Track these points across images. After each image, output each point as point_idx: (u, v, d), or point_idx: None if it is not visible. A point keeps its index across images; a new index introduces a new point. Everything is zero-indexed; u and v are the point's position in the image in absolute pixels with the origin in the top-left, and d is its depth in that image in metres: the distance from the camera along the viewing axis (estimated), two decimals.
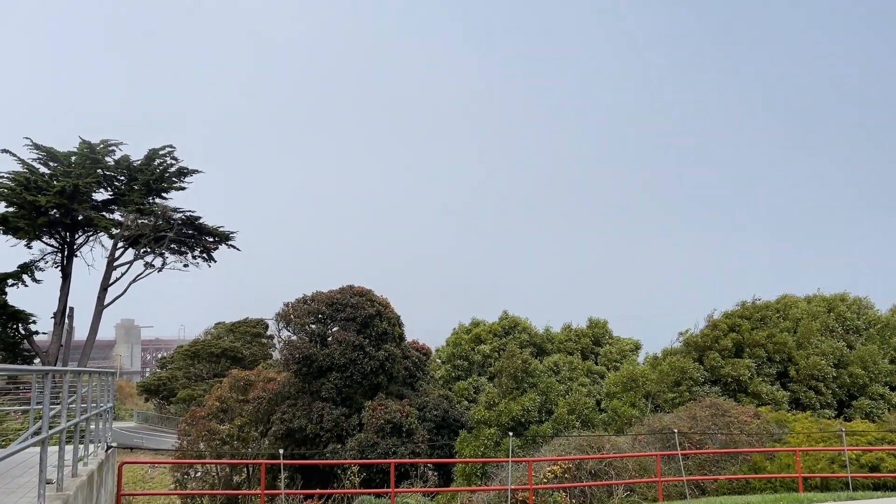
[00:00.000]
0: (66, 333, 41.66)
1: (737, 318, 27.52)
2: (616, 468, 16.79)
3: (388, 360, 31.28)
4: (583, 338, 36.80)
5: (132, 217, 42.75)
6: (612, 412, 24.38)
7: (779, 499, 12.97)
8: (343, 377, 30.30)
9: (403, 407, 29.68)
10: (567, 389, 26.39)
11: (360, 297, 32.42)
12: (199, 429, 28.39)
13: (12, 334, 38.37)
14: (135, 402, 78.83)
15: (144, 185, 42.56)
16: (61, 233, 41.13)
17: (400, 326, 33.63)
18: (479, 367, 36.82)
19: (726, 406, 20.28)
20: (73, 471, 8.37)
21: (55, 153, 40.72)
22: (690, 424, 18.92)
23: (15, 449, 5.80)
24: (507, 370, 25.44)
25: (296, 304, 32.12)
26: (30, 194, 37.84)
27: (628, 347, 36.34)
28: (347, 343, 30.48)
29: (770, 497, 13.50)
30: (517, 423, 24.05)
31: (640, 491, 16.52)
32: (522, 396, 23.82)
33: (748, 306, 28.63)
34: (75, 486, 7.72)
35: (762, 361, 26.29)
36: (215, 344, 65.51)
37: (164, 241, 43.72)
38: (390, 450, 28.13)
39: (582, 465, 16.64)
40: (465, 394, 34.71)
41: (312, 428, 29.08)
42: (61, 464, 7.45)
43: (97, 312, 42.41)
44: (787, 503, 12.48)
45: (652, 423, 19.34)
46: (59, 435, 7.48)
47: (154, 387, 67.89)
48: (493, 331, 37.63)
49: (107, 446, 8.42)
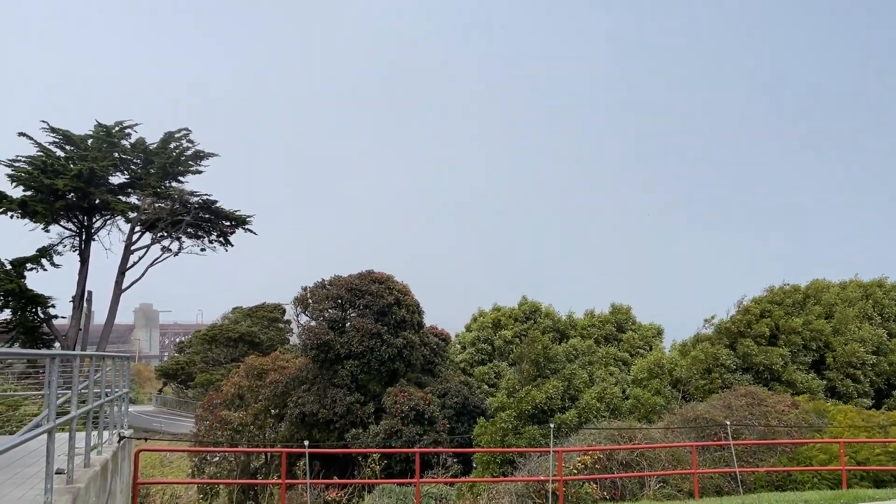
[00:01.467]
0: (84, 317, 41.60)
1: (767, 303, 26.60)
2: (648, 459, 16.13)
3: (406, 349, 30.78)
4: (606, 324, 36.07)
5: (149, 201, 42.49)
6: (635, 400, 23.68)
7: (838, 496, 12.23)
8: (360, 364, 29.86)
9: (426, 395, 29.21)
10: (591, 376, 25.68)
11: (380, 284, 31.86)
12: (215, 416, 28.09)
13: (32, 318, 38.31)
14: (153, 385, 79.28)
15: (161, 169, 42.22)
16: (79, 217, 40.95)
17: (419, 313, 33.08)
18: (500, 353, 36.26)
19: (762, 395, 19.52)
20: (85, 460, 7.86)
21: (71, 136, 40.45)
22: (725, 414, 18.19)
23: (17, 440, 5.27)
24: (528, 356, 24.79)
25: (314, 288, 31.65)
26: (47, 178, 37.60)
27: (651, 333, 35.57)
28: (365, 331, 29.99)
29: (829, 494, 12.77)
30: (539, 411, 23.44)
31: (674, 483, 15.87)
32: (545, 383, 23.17)
33: (777, 291, 27.67)
34: (87, 478, 7.20)
35: (797, 349, 25.42)
36: (233, 329, 65.51)
37: (180, 224, 43.45)
38: (414, 437, 27.68)
39: (613, 455, 16.00)
40: (485, 378, 34.18)
41: (325, 413, 28.71)
42: (72, 454, 6.93)
43: (115, 296, 42.30)
44: (847, 500, 11.75)
45: (685, 413, 18.64)
46: (70, 423, 6.96)
47: (172, 371, 68.12)
48: (514, 316, 37.02)
49: (119, 437, 7.90)
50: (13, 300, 37.25)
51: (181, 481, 22.24)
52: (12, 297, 37.06)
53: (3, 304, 37.58)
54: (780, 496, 13.13)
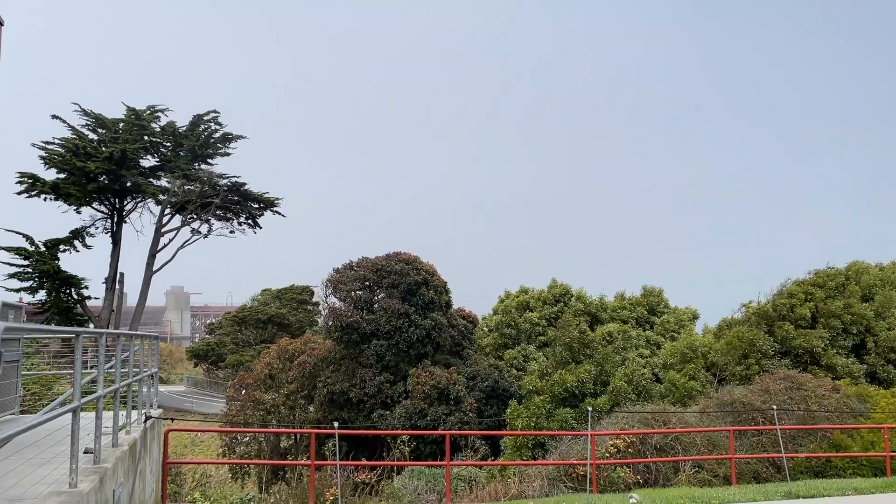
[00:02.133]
0: (117, 299, 42.22)
1: (809, 286, 25.79)
2: (683, 443, 15.75)
3: (434, 329, 30.66)
4: (637, 307, 35.49)
5: (178, 183, 42.78)
6: (669, 384, 23.21)
7: (889, 483, 11.73)
8: (388, 344, 29.84)
9: (450, 374, 29.07)
10: (623, 360, 25.24)
11: (407, 264, 31.74)
12: (246, 396, 28.32)
13: (66, 299, 38.96)
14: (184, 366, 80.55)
15: (190, 151, 42.44)
16: (110, 199, 41.40)
17: (447, 294, 32.90)
18: (527, 336, 35.91)
19: (801, 379, 18.94)
20: (113, 440, 7.77)
21: (103, 119, 40.78)
22: (763, 398, 17.68)
23: (40, 419, 5.13)
24: (561, 340, 24.44)
25: (343, 269, 31.67)
26: (79, 160, 38.01)
27: (686, 317, 34.88)
28: (393, 311, 29.94)
29: (878, 481, 12.28)
30: (571, 395, 23.14)
31: (709, 468, 15.47)
32: (577, 367, 22.83)
33: (822, 273, 26.82)
34: (114, 458, 7.10)
35: (837, 333, 24.65)
36: (262, 310, 66.10)
37: (210, 207, 43.72)
38: (439, 418, 27.60)
39: (646, 439, 15.65)
40: (514, 363, 33.90)
41: (356, 393, 28.78)
42: (98, 433, 6.81)
43: (146, 278, 42.81)
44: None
45: (722, 397, 18.16)
46: (97, 402, 6.84)
47: (203, 352, 69.06)
48: (543, 298, 36.60)
49: (145, 417, 7.78)
50: (48, 281, 37.91)
51: (211, 461, 22.43)
52: (47, 278, 37.72)
53: (39, 285, 38.27)
54: (828, 483, 12.68)
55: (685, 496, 11.38)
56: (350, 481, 14.43)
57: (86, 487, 5.88)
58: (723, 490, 12.20)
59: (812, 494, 11.53)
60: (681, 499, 11.14)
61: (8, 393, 9.98)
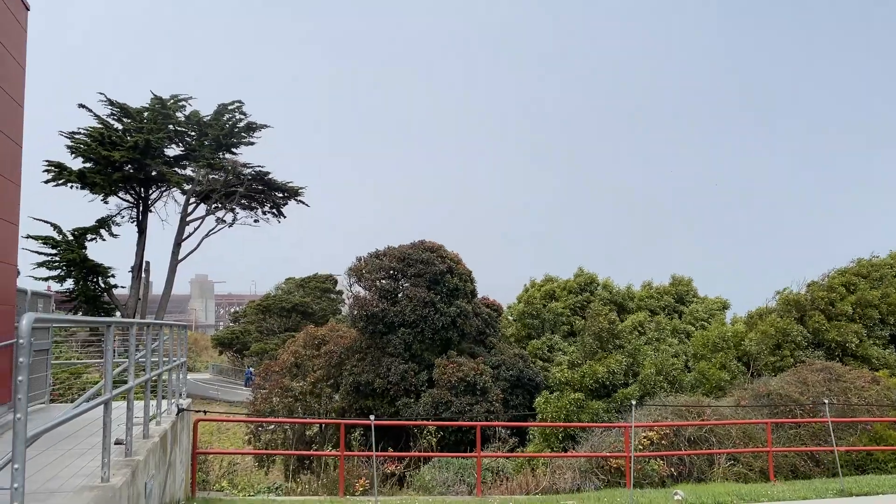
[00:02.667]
0: (143, 287, 42.60)
1: (851, 275, 25.08)
2: (718, 436, 15.37)
3: (459, 317, 30.46)
4: (665, 296, 34.91)
5: (203, 172, 42.96)
6: (699, 374, 22.76)
7: None
8: (413, 333, 29.72)
9: (477, 364, 28.86)
10: (654, 350, 24.80)
11: (431, 252, 31.54)
12: (272, 384, 28.36)
13: (93, 288, 39.37)
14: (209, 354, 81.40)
15: (214, 141, 42.56)
16: (136, 188, 41.69)
17: (471, 282, 32.65)
18: (551, 325, 35.54)
19: (840, 370, 18.42)
20: (144, 431, 7.65)
21: (128, 109, 40.99)
22: (801, 390, 17.22)
23: (74, 412, 4.98)
24: (590, 330, 24.08)
25: (367, 258, 31.55)
26: (105, 150, 38.26)
27: (715, 306, 34.24)
28: (418, 300, 29.78)
29: None
30: (601, 385, 22.82)
31: (745, 461, 15.08)
32: (608, 357, 22.47)
33: (864, 263, 26.06)
34: (146, 449, 6.97)
35: (874, 323, 23.98)
36: (286, 299, 66.42)
37: (234, 196, 43.89)
38: (465, 408, 27.44)
39: (680, 431, 15.29)
40: (538, 353, 33.58)
41: (381, 383, 28.72)
42: (130, 425, 6.67)
43: (172, 267, 43.14)
44: None
45: (757, 389, 17.72)
46: (128, 393, 6.70)
47: (227, 340, 69.63)
48: (568, 288, 36.16)
49: (177, 409, 7.64)
50: (75, 270, 38.31)
51: (239, 451, 22.48)
52: (74, 266, 38.12)
53: (66, 273, 38.71)
54: (879, 480, 12.24)
55: (731, 493, 11.04)
56: (379, 472, 14.28)
57: (118, 481, 5.74)
58: (769, 486, 11.83)
59: (865, 492, 11.11)
60: (727, 496, 10.80)
61: (38, 382, 9.93)
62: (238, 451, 22.10)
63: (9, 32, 8.65)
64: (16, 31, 8.85)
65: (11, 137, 8.65)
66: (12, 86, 8.73)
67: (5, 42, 8.58)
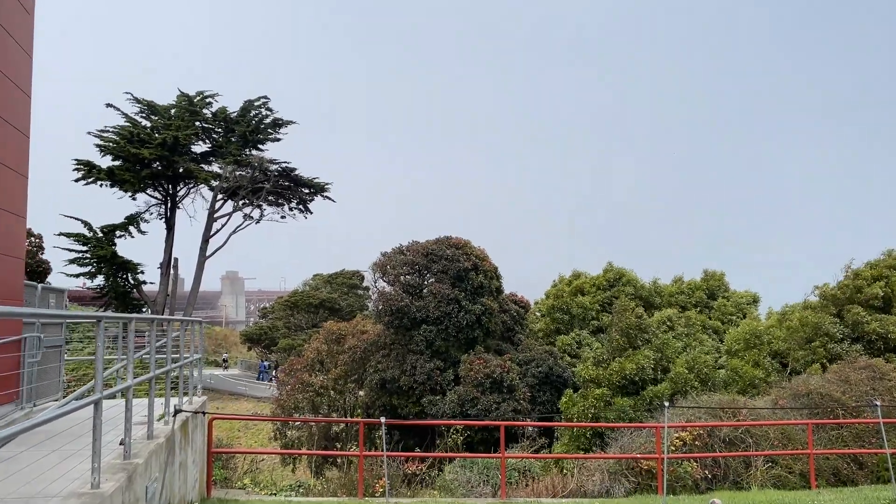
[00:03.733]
0: (171, 283, 42.90)
1: (884, 267, 24.03)
2: (754, 436, 14.67)
3: (484, 315, 29.98)
4: (696, 291, 33.94)
5: (230, 169, 43.08)
6: (731, 371, 21.96)
7: None
8: (437, 330, 29.32)
9: (504, 361, 28.36)
10: (684, 347, 24.01)
11: (457, 248, 31.10)
12: (296, 380, 28.22)
13: (123, 284, 39.76)
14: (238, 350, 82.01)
15: (241, 137, 42.67)
16: (164, 185, 41.97)
17: (498, 279, 32.14)
18: (580, 321, 34.86)
19: (884, 368, 17.53)
20: (148, 432, 7.32)
21: (155, 106, 41.27)
22: (843, 389, 16.41)
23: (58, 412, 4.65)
24: (617, 325, 23.42)
25: (392, 254, 31.24)
26: (133, 147, 38.55)
27: (745, 301, 33.18)
28: (442, 296, 29.37)
29: None
30: (629, 382, 22.18)
31: (783, 463, 14.37)
32: (636, 353, 21.80)
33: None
34: (147, 452, 6.64)
35: None
36: (313, 295, 66.57)
37: (261, 192, 43.97)
38: (491, 406, 26.99)
39: (713, 431, 14.63)
40: (567, 349, 32.94)
41: (406, 380, 28.38)
42: (129, 426, 6.35)
43: (200, 263, 43.40)
44: None
45: (796, 388, 16.93)
46: (126, 392, 6.37)
47: (256, 336, 70.03)
48: (597, 283, 35.41)
49: (174, 410, 7.24)
50: (105, 266, 38.69)
51: (256, 451, 22.27)
52: (104, 263, 38.50)
53: (97, 270, 39.11)
54: None
55: (773, 502, 10.37)
56: (400, 472, 13.90)
57: (109, 488, 5.41)
58: (813, 494, 11.12)
59: None
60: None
61: (50, 378, 9.72)
62: (255, 450, 21.91)
63: (14, 19, 8.41)
64: (22, 17, 8.62)
65: (18, 127, 8.42)
66: (19, 74, 8.50)
67: (10, 29, 8.34)
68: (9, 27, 8.36)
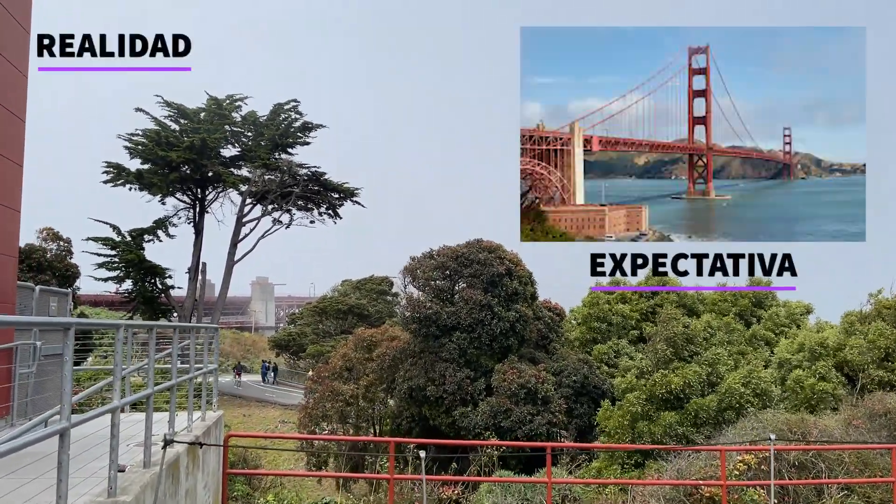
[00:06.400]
0: (199, 288, 42.39)
1: None
2: (827, 460, 13.22)
3: (518, 322, 28.71)
4: (741, 298, 32.21)
5: (259, 173, 42.55)
6: (793, 384, 20.38)
7: None
8: (469, 338, 28.12)
9: (539, 372, 27.06)
10: (736, 360, 22.47)
11: (489, 252, 29.89)
12: (324, 388, 27.25)
13: (151, 289, 39.32)
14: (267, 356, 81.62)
15: (270, 141, 42.09)
16: (192, 189, 41.58)
17: (532, 285, 30.85)
18: (619, 330, 33.37)
19: None
20: (144, 459, 6.26)
21: (185, 109, 40.92)
22: None
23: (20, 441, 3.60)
24: (662, 335, 22.02)
25: (422, 258, 30.19)
26: (162, 150, 38.19)
27: (798, 310, 31.36)
28: (474, 302, 28.16)
29: None
30: (673, 396, 20.76)
31: (861, 491, 12.89)
32: (684, 367, 20.38)
33: None
34: (141, 485, 5.60)
35: None
36: (342, 301, 65.83)
37: (290, 197, 43.29)
38: (525, 418, 25.74)
39: (780, 455, 13.21)
40: (604, 358, 31.48)
41: (434, 389, 27.21)
42: (114, 457, 5.29)
43: (228, 268, 42.86)
44: None
45: (872, 406, 15.41)
46: (113, 413, 5.34)
47: (284, 342, 69.51)
48: (639, 291, 33.86)
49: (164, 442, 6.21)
50: (133, 270, 38.26)
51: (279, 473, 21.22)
52: (132, 267, 38.07)
53: (125, 274, 38.70)
54: None
55: None
56: (434, 496, 12.77)
57: None
58: None
59: None
60: None
61: (52, 389, 8.80)
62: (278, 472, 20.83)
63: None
64: None
65: (10, 109, 7.52)
66: (14, 51, 7.62)
67: (6, 3, 7.47)
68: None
